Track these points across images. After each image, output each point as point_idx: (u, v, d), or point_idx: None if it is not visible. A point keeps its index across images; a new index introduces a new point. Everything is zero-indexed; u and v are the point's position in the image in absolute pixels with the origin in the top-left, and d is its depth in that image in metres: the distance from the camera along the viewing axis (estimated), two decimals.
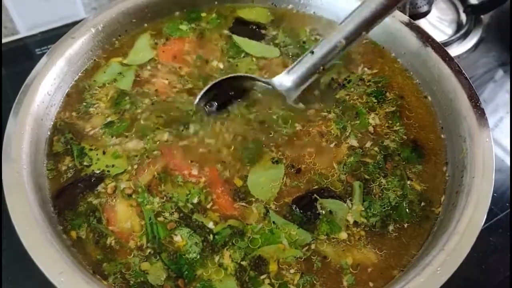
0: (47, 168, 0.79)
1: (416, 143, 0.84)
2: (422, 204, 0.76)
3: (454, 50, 1.31)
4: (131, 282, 0.67)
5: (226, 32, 1.03)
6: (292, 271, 0.69)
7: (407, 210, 0.75)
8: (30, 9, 1.30)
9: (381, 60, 0.98)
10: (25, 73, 0.84)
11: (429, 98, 0.90)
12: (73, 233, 0.72)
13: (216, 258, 0.70)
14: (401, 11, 0.99)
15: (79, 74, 0.93)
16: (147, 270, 0.68)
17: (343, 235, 0.73)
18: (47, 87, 0.84)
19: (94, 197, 0.76)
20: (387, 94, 0.92)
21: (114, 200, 0.75)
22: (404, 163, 0.81)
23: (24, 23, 1.32)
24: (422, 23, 1.33)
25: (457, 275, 0.62)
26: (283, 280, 0.68)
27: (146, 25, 1.03)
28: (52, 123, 0.85)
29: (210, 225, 0.73)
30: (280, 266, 0.69)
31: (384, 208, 0.76)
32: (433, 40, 0.92)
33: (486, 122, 0.78)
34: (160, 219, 0.73)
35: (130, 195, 0.76)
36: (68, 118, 0.86)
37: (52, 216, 0.73)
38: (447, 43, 1.31)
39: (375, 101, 0.90)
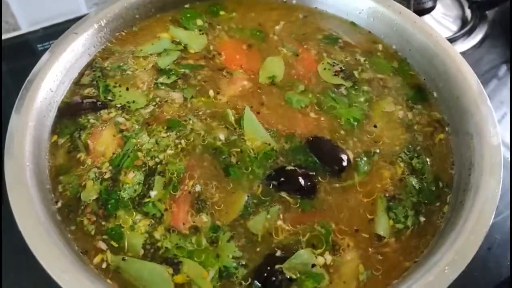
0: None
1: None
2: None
3: (459, 47, 1.30)
4: (68, 194, 0.75)
5: None
6: None
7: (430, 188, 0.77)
8: (32, 5, 1.30)
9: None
10: (27, 69, 0.84)
11: (435, 94, 0.90)
12: (55, 137, 0.82)
13: (135, 216, 0.72)
14: (405, 7, 0.98)
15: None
16: (86, 187, 0.75)
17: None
18: (49, 84, 0.84)
19: (93, 117, 0.84)
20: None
21: (105, 126, 0.83)
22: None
23: (25, 19, 1.31)
24: (427, 19, 1.32)
25: (461, 272, 0.61)
26: None
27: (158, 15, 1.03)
28: (86, 63, 0.93)
29: (152, 195, 0.74)
30: (183, 274, 0.67)
31: (413, 197, 0.76)
32: (438, 36, 0.91)
33: (494, 120, 0.77)
34: (139, 153, 0.79)
35: (121, 131, 0.82)
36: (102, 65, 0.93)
37: (54, 209, 0.73)
38: (452, 40, 1.30)
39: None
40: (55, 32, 0.92)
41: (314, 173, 0.77)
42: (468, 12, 1.40)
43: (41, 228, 0.65)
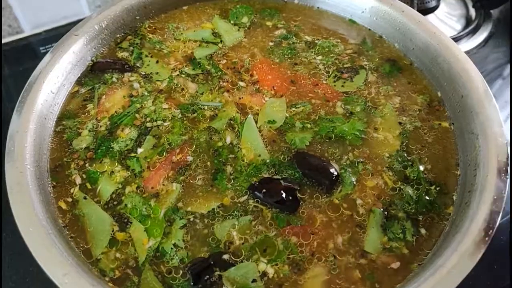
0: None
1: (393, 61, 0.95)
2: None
3: (463, 46, 1.29)
4: (65, 136, 0.83)
5: None
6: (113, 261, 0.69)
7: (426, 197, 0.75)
8: (35, 8, 1.30)
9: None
10: (29, 72, 0.84)
11: (439, 94, 0.89)
12: (76, 88, 0.91)
13: (116, 166, 0.78)
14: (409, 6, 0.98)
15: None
16: (82, 134, 0.83)
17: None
18: (50, 85, 0.84)
19: (116, 76, 0.92)
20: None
21: (121, 87, 0.90)
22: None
23: (28, 22, 1.32)
24: (430, 18, 1.31)
25: (467, 274, 0.60)
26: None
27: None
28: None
29: (138, 151, 0.80)
30: (126, 233, 0.71)
31: (410, 206, 0.74)
32: (442, 35, 0.90)
33: (499, 119, 0.75)
34: (137, 115, 0.86)
35: (131, 95, 0.89)
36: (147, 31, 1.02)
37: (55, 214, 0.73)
38: (456, 39, 1.28)
39: None
40: (58, 35, 0.92)
41: (298, 188, 0.75)
42: (472, 11, 1.39)
43: (42, 231, 0.65)
